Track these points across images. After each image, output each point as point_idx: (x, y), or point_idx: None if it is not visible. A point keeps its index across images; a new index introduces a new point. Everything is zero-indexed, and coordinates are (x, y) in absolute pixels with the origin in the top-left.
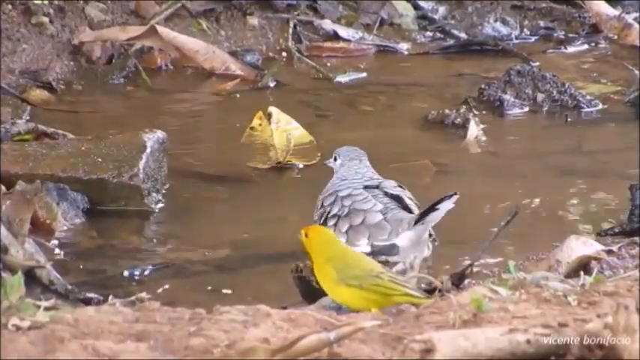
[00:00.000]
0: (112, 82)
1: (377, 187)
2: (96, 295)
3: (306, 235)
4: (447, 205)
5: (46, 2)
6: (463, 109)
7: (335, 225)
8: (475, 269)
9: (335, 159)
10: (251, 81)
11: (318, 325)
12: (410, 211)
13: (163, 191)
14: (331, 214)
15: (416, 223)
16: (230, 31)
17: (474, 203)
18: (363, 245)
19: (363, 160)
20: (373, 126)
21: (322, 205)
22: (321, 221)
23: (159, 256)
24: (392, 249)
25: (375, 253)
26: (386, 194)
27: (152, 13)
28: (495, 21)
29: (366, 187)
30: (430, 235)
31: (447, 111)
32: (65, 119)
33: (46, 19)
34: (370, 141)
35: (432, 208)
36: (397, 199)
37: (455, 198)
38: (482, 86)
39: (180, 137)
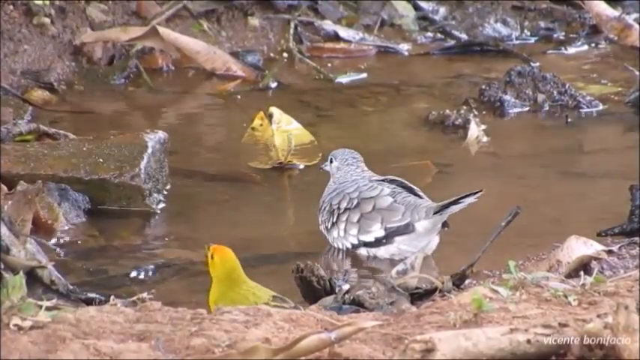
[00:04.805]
0: (113, 82)
1: (382, 180)
2: (97, 295)
3: (212, 257)
4: (469, 200)
5: (47, 3)
6: (464, 109)
7: (346, 219)
8: (475, 269)
9: (331, 161)
10: (252, 81)
11: (319, 325)
12: (417, 195)
13: (165, 191)
14: (341, 209)
15: (435, 213)
16: (231, 32)
17: (474, 203)
18: (377, 230)
19: (360, 165)
20: (374, 126)
21: (330, 205)
22: (334, 219)
23: (160, 256)
24: (407, 228)
25: (389, 235)
26: (390, 182)
27: (153, 14)
28: (496, 22)
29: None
30: (443, 224)
31: (447, 111)
32: (66, 120)
33: (47, 20)
34: (371, 141)
35: (455, 202)
36: (402, 187)
37: (479, 194)
38: (483, 87)
39: (181, 137)
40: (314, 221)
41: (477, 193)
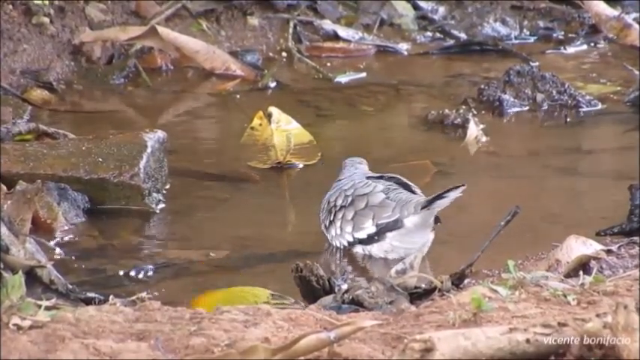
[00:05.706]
0: (112, 82)
1: (379, 177)
2: (97, 295)
3: None
4: (454, 194)
5: (46, 2)
6: (463, 109)
7: (342, 216)
8: (475, 269)
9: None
10: (251, 81)
11: (318, 324)
12: (412, 192)
13: (164, 191)
14: (337, 206)
15: (423, 208)
16: (230, 32)
17: (473, 203)
18: (369, 227)
19: (359, 167)
20: (373, 126)
21: (328, 203)
22: (332, 217)
23: (159, 255)
24: (396, 224)
25: (380, 231)
26: (388, 179)
27: (152, 14)
28: (495, 21)
29: (368, 178)
30: (436, 220)
31: (446, 111)
32: (66, 119)
33: (46, 20)
34: (370, 141)
35: (440, 196)
36: (398, 183)
37: (462, 188)
38: (482, 86)
39: (180, 137)
40: (313, 221)
41: (459, 187)
